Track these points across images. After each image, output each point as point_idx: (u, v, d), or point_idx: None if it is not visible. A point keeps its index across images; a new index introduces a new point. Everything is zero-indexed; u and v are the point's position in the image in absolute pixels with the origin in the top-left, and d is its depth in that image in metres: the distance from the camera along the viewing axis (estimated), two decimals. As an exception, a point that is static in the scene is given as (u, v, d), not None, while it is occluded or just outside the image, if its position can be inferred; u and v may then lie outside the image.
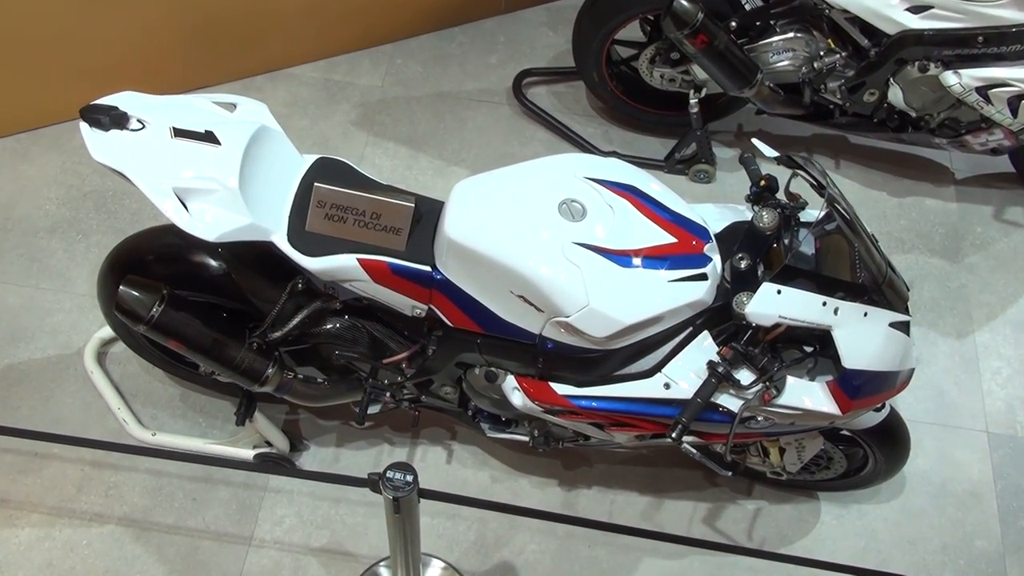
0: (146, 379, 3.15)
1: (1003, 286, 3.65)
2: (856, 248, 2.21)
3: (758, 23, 3.28)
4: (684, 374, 2.22)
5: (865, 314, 2.15)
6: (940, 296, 3.60)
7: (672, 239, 2.22)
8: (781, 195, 2.37)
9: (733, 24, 3.23)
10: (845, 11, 3.12)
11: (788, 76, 3.36)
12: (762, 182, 2.37)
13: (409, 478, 1.89)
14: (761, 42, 3.28)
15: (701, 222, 2.30)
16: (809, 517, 3.07)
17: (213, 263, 2.43)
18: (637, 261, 2.16)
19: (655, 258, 2.18)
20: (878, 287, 2.19)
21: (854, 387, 2.18)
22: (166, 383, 3.16)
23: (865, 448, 2.68)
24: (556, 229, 2.17)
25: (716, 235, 2.37)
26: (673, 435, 2.12)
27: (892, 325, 2.21)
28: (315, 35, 3.94)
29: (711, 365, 2.14)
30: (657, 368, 2.25)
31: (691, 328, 2.25)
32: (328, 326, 2.46)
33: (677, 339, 2.25)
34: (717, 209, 2.51)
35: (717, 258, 2.27)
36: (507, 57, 4.13)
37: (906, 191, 3.88)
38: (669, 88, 3.54)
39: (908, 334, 2.29)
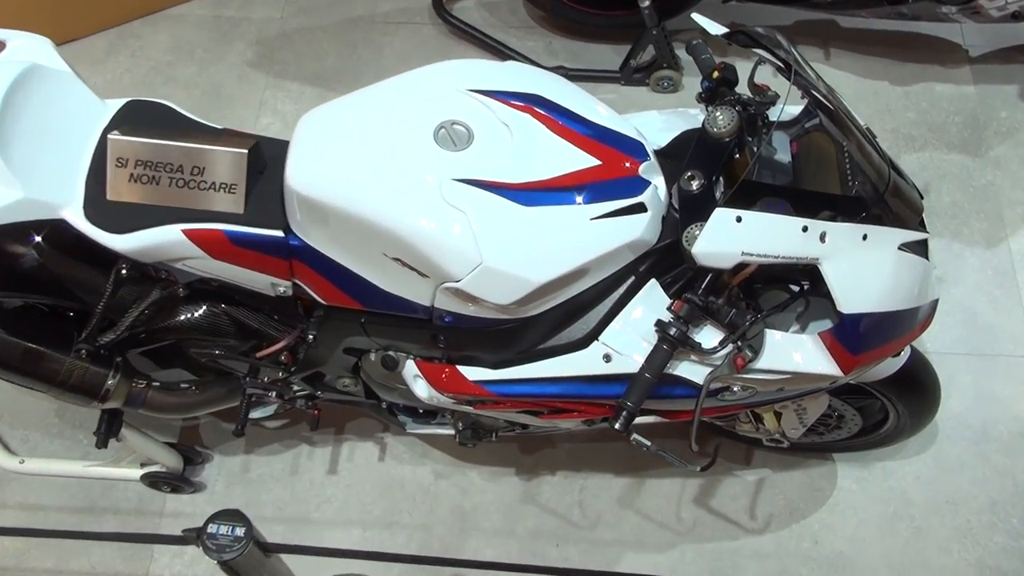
0: (11, 393, 2.62)
1: (1038, 179, 3.04)
2: (846, 148, 1.62)
3: None
4: (628, 340, 1.66)
5: (864, 236, 1.56)
6: (963, 199, 2.99)
7: (594, 161, 1.64)
8: (745, 89, 1.79)
9: None
10: None
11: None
12: (715, 73, 1.78)
13: (240, 531, 1.35)
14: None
15: (635, 135, 1.71)
16: (824, 483, 2.52)
17: (21, 250, 1.86)
18: (545, 195, 1.58)
19: (570, 189, 1.60)
20: (879, 198, 1.60)
21: (857, 337, 1.60)
22: (39, 395, 2.63)
23: (883, 401, 2.11)
24: (431, 163, 1.59)
25: (660, 150, 1.79)
26: (616, 425, 1.56)
27: (903, 247, 1.63)
28: (196, -36, 3.32)
29: (660, 326, 1.56)
30: (592, 336, 1.69)
31: (632, 278, 1.68)
32: (178, 318, 1.90)
33: (615, 295, 1.68)
34: (662, 117, 1.92)
35: (660, 180, 1.69)
36: (429, -33, 3.50)
37: (912, 77, 3.24)
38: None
39: (926, 256, 1.71)
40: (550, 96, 1.70)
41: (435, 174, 1.57)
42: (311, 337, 1.89)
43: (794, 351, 1.63)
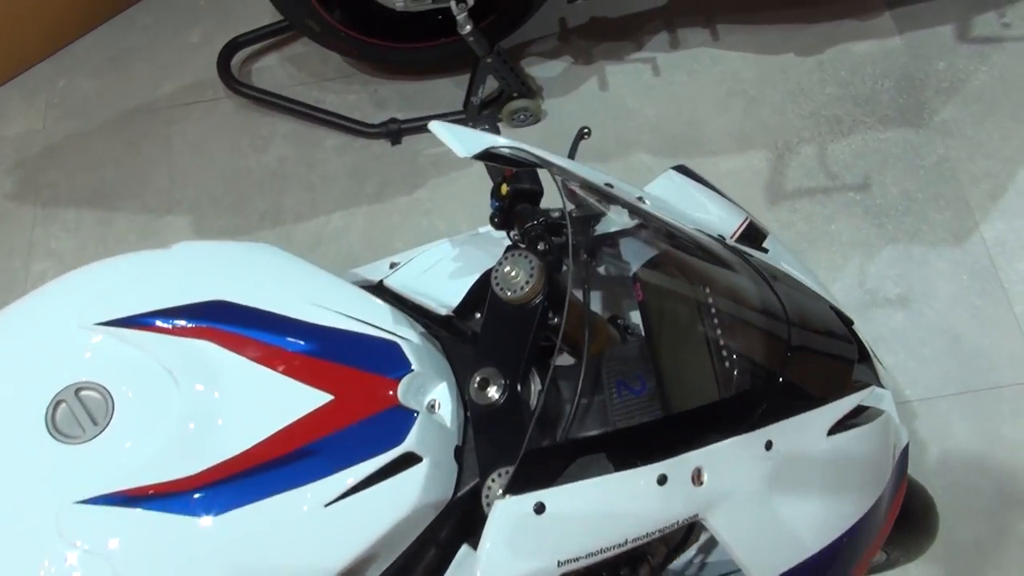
0: None
1: (1001, 139, 2.42)
2: (707, 296, 1.00)
3: None
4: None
5: (768, 444, 0.94)
6: (914, 186, 2.37)
7: (323, 396, 1.00)
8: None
9: None
10: None
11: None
12: (503, 187, 1.16)
13: None
14: None
15: (388, 328, 1.08)
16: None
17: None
18: (240, 487, 0.95)
19: (284, 462, 0.96)
20: (776, 375, 0.97)
21: None
22: None
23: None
24: (41, 476, 0.95)
25: (458, 309, 1.17)
26: None
27: (837, 427, 1.01)
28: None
29: None
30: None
31: (433, 550, 1.05)
32: None
33: None
34: (456, 248, 1.30)
35: (441, 391, 1.07)
36: (215, 26, 2.82)
37: (821, 42, 2.60)
38: (420, 7, 2.25)
39: (877, 383, 1.10)
40: (244, 295, 1.05)
41: (46, 496, 0.93)
42: None
43: None
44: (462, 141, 1.03)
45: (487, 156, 1.02)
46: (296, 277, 1.10)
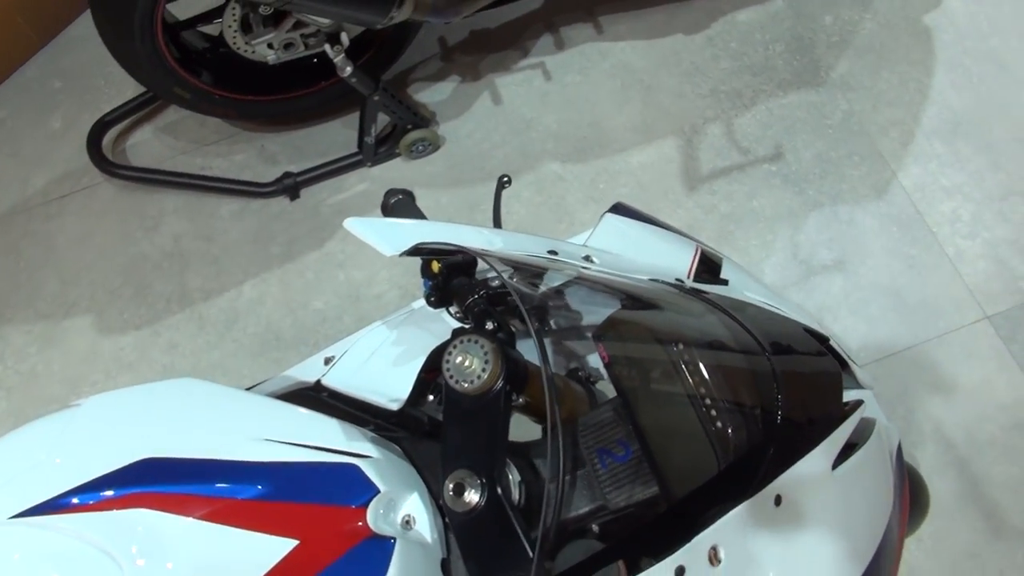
0: None
1: (900, 84, 2.41)
2: (676, 352, 0.91)
3: None
4: None
5: (777, 500, 0.86)
6: (825, 146, 2.34)
7: (287, 542, 0.88)
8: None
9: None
10: None
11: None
12: (433, 264, 1.06)
13: None
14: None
15: (341, 448, 0.97)
16: None
17: None
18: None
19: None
20: (774, 420, 0.89)
21: None
22: None
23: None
24: None
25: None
26: None
27: (839, 459, 0.94)
28: None
29: None
30: None
31: None
32: None
33: None
34: (394, 332, 1.19)
35: (412, 501, 0.97)
36: (76, 108, 2.63)
37: (707, 16, 2.56)
38: (294, 56, 2.12)
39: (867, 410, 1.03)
40: (172, 447, 0.93)
41: None
42: None
43: None
44: (386, 238, 0.92)
45: (415, 251, 0.92)
46: (227, 412, 0.98)
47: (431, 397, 1.15)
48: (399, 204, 1.21)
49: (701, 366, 0.87)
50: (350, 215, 2.40)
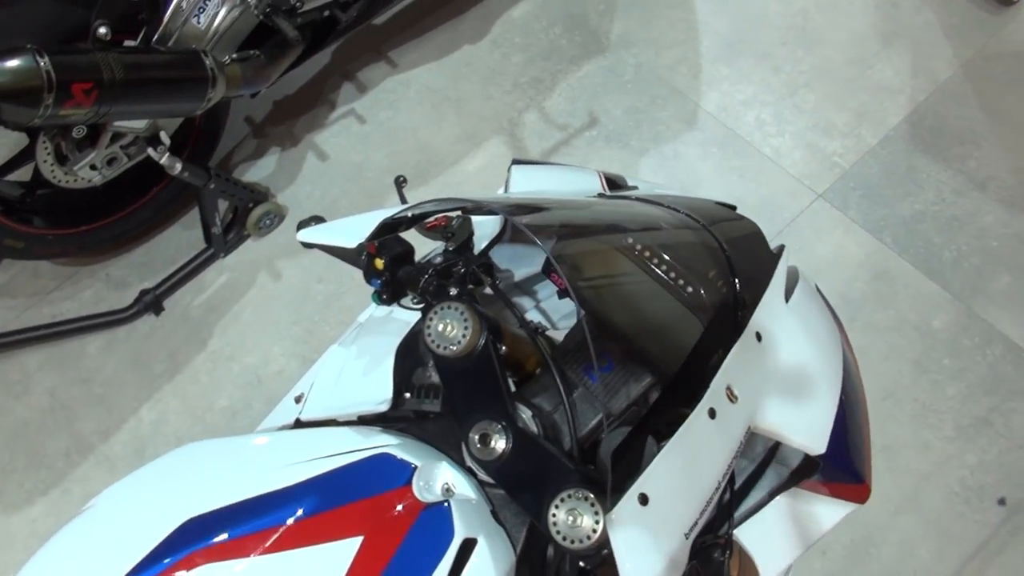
0: None
1: (670, 27, 2.65)
2: (616, 256, 1.02)
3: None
4: None
5: (758, 337, 0.97)
6: (630, 101, 2.54)
7: (353, 540, 0.92)
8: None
9: (103, 30, 1.82)
10: None
11: (242, 25, 2.02)
12: (376, 261, 1.11)
13: None
14: (167, 14, 1.91)
15: (363, 446, 1.00)
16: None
17: None
18: None
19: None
20: (719, 256, 1.02)
21: (848, 459, 1.04)
22: None
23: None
24: None
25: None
26: None
27: (790, 297, 1.06)
28: None
29: None
30: None
31: None
32: None
33: None
34: (351, 348, 1.23)
35: (444, 470, 1.01)
36: None
37: (484, 22, 2.72)
38: (119, 171, 2.10)
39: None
40: (205, 502, 0.94)
41: None
42: None
43: (792, 525, 1.04)
44: (342, 235, 0.97)
45: (382, 231, 0.98)
46: (240, 456, 0.99)
47: (407, 395, 1.19)
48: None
49: (657, 247, 0.97)
50: (221, 308, 2.40)
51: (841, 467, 1.03)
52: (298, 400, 1.22)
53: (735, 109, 2.49)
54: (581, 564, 0.91)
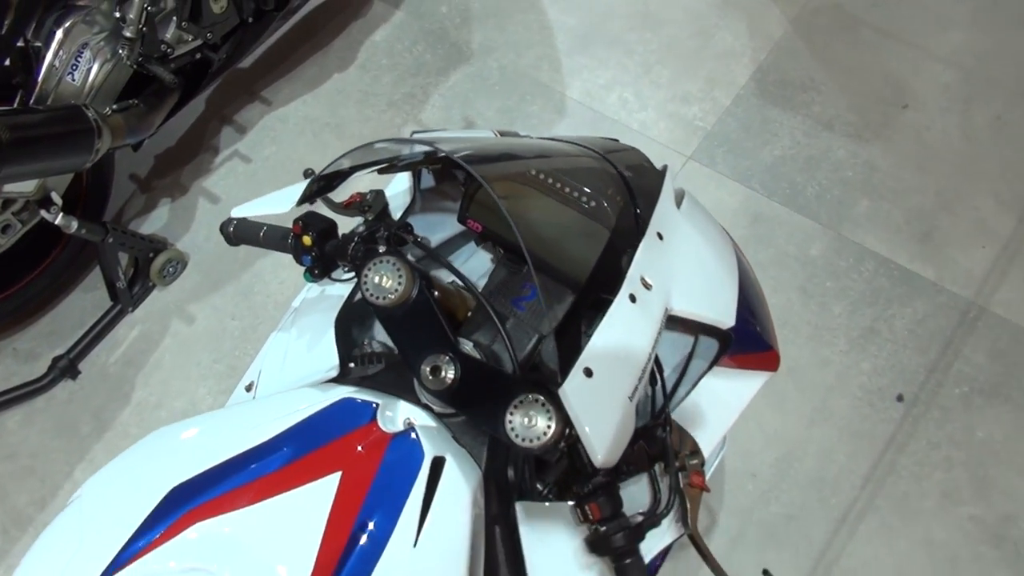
0: None
1: (525, 29, 2.81)
2: (524, 188, 1.13)
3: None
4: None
5: (660, 236, 1.10)
6: (500, 102, 2.68)
7: (332, 476, 0.99)
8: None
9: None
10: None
11: (118, 77, 2.07)
12: (303, 239, 1.20)
13: None
14: (40, 76, 1.95)
15: (325, 399, 1.08)
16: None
17: None
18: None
19: (351, 552, 0.95)
20: (613, 173, 1.15)
21: (755, 332, 1.18)
22: None
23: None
24: None
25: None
26: None
27: (679, 206, 1.20)
28: None
29: (598, 547, 1.00)
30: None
31: (497, 529, 1.08)
32: None
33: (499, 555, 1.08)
34: (291, 331, 1.30)
35: (403, 407, 1.10)
36: None
37: (349, 51, 2.83)
38: (14, 239, 2.10)
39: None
40: (186, 470, 1.00)
41: None
42: None
43: (720, 401, 1.16)
44: (276, 202, 1.05)
45: (312, 194, 1.06)
46: (211, 428, 1.05)
47: (351, 364, 1.27)
48: (241, 225, 1.31)
49: (560, 173, 1.10)
50: (138, 360, 2.41)
51: (750, 338, 1.16)
52: (249, 388, 1.28)
53: (598, 93, 2.66)
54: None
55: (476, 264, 1.40)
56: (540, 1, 2.86)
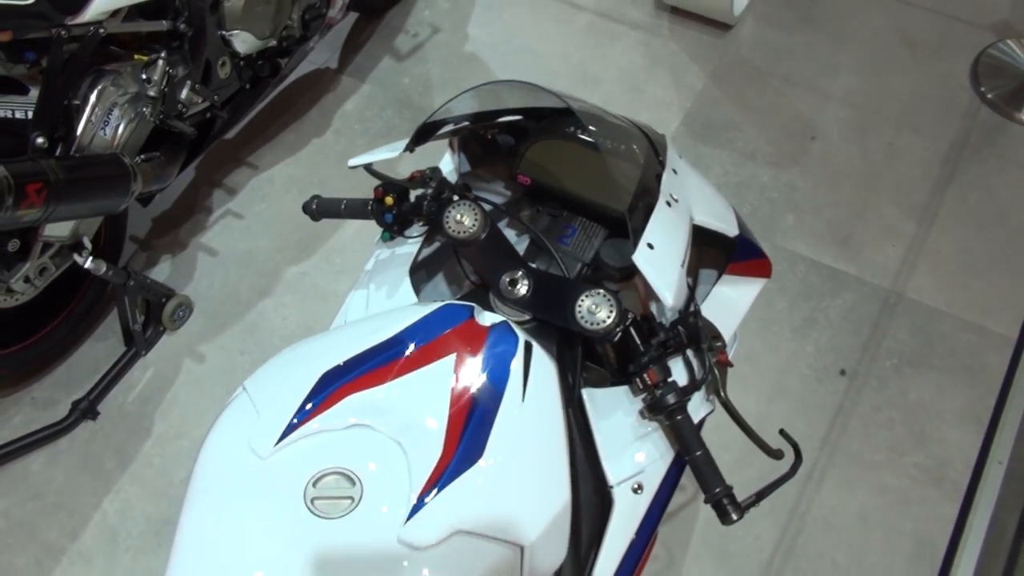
0: None
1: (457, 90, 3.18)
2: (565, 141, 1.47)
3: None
4: (634, 457, 1.34)
5: (669, 203, 1.42)
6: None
7: (450, 359, 1.25)
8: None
9: (40, 140, 2.08)
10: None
11: (142, 132, 2.33)
12: (386, 199, 1.48)
13: None
14: (79, 131, 2.19)
15: (427, 306, 1.35)
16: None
17: None
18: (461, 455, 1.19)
19: (472, 415, 1.21)
20: (641, 134, 1.49)
21: (752, 243, 1.53)
22: None
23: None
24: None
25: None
26: (734, 517, 1.27)
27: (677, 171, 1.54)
28: None
29: (654, 409, 1.28)
30: (603, 487, 1.34)
31: (563, 414, 1.34)
32: None
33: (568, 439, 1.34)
34: (370, 285, 1.56)
35: (491, 314, 1.37)
36: None
37: (323, 120, 3.14)
38: (49, 281, 2.29)
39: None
40: (331, 359, 1.25)
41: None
42: None
43: (731, 302, 1.47)
44: (387, 151, 1.34)
45: (419, 137, 1.36)
46: (342, 333, 1.30)
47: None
48: (323, 202, 1.58)
49: (599, 124, 1.42)
50: (156, 396, 2.61)
51: (749, 247, 1.48)
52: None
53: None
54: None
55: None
56: (491, 68, 3.24)
